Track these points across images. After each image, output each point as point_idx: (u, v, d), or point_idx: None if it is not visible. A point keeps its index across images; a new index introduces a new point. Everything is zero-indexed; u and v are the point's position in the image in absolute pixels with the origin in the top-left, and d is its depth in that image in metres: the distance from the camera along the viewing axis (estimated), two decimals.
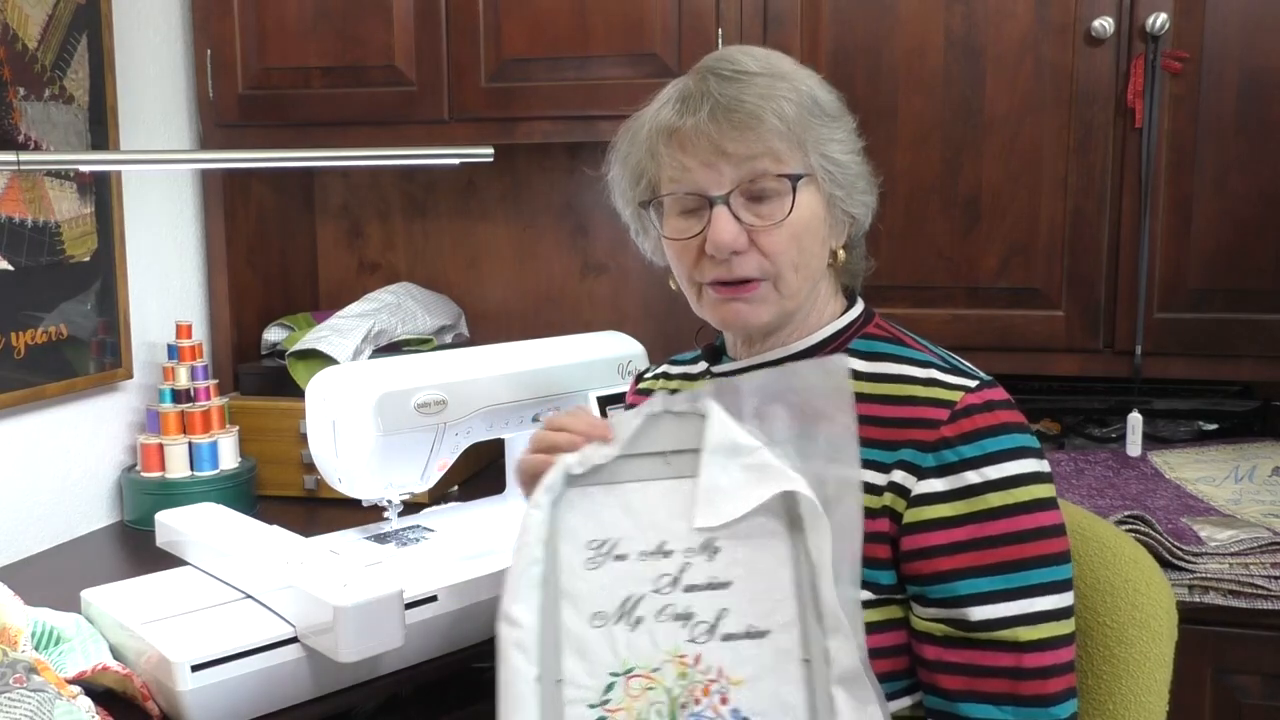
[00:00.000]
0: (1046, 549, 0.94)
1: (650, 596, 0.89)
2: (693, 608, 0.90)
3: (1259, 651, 1.52)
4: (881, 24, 1.77)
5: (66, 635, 1.22)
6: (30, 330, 1.69)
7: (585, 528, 0.91)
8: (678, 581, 0.90)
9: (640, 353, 1.81)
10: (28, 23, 1.67)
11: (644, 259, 1.17)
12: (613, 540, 0.90)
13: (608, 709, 0.88)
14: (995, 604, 0.92)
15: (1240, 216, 1.69)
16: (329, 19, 1.95)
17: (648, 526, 0.91)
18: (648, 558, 0.90)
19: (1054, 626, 0.93)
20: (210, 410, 1.85)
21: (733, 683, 0.89)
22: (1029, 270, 1.77)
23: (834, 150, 1.02)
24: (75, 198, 1.77)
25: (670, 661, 0.89)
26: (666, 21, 1.83)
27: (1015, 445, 0.95)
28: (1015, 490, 0.94)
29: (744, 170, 0.99)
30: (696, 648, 0.89)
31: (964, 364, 1.03)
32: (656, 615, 0.89)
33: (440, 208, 2.32)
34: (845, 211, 1.05)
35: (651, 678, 0.89)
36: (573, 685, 0.88)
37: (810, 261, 1.03)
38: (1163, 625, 1.07)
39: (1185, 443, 1.89)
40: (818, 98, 1.02)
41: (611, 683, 0.88)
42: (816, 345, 1.06)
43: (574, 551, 0.90)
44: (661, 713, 0.88)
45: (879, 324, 1.09)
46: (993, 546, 0.93)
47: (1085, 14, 1.69)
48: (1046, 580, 0.93)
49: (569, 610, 0.89)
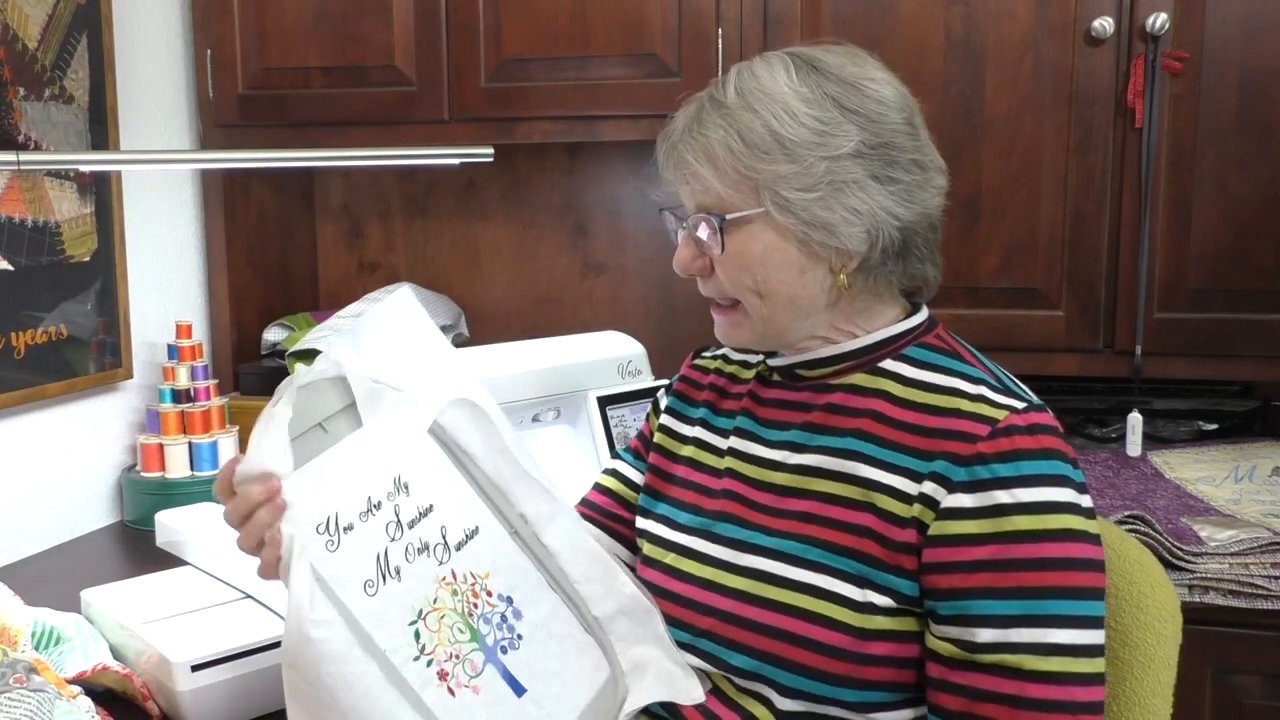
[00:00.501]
0: (1071, 580, 0.90)
1: (391, 546, 0.97)
2: (424, 537, 0.99)
3: (1259, 651, 1.52)
4: (881, 24, 1.77)
5: (66, 635, 1.23)
6: (30, 330, 1.69)
7: (304, 520, 0.95)
8: (400, 523, 0.99)
9: (640, 353, 1.82)
10: (28, 23, 1.67)
11: (644, 259, 1.18)
12: (330, 517, 0.95)
13: (427, 653, 0.97)
14: (1006, 629, 0.90)
15: (1240, 217, 1.69)
16: (329, 19, 1.95)
17: (349, 491, 0.97)
18: (366, 516, 0.97)
19: (1069, 662, 0.89)
20: (210, 410, 1.85)
21: (484, 577, 1.01)
22: (1029, 270, 1.77)
23: (784, 189, 0.98)
24: (75, 198, 1.77)
25: (439, 586, 0.99)
26: (666, 21, 1.83)
27: (1054, 472, 0.92)
28: (1046, 516, 0.90)
29: (692, 202, 1.04)
30: (447, 566, 1.00)
31: (1020, 386, 1.01)
32: (406, 556, 0.98)
33: (440, 208, 2.32)
34: (825, 245, 0.99)
35: (437, 608, 0.98)
36: (394, 652, 0.95)
37: (782, 290, 1.01)
38: (1167, 628, 1.06)
39: (1185, 443, 1.89)
40: (774, 126, 0.98)
41: (415, 630, 0.97)
42: (866, 347, 1.04)
43: (312, 545, 0.95)
44: (460, 628, 0.99)
45: (939, 335, 1.06)
46: (1012, 570, 0.90)
47: (1085, 14, 1.69)
48: (1066, 613, 0.89)
49: (345, 596, 0.94)
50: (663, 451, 1.19)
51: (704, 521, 1.09)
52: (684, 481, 1.14)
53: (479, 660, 0.99)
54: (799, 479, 1.02)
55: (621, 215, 2.23)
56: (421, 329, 1.05)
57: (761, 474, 1.06)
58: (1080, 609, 0.90)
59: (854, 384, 1.04)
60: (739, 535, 1.04)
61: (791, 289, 1.01)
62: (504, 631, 1.01)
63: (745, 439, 1.09)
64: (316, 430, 0.99)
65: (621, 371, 1.75)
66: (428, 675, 0.96)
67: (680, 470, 1.15)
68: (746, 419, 1.11)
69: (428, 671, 0.96)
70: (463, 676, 0.98)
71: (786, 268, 1.00)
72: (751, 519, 1.04)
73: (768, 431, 1.08)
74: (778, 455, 1.05)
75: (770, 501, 1.04)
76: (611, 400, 1.72)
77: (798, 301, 1.02)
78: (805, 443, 1.04)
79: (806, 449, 1.03)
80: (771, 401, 1.10)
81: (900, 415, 0.99)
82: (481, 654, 1.00)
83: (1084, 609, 0.90)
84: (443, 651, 0.97)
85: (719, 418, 1.15)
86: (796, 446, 1.04)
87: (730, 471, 1.09)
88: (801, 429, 1.05)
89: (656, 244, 2.19)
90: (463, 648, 0.99)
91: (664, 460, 1.18)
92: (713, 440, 1.14)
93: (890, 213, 0.99)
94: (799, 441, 1.04)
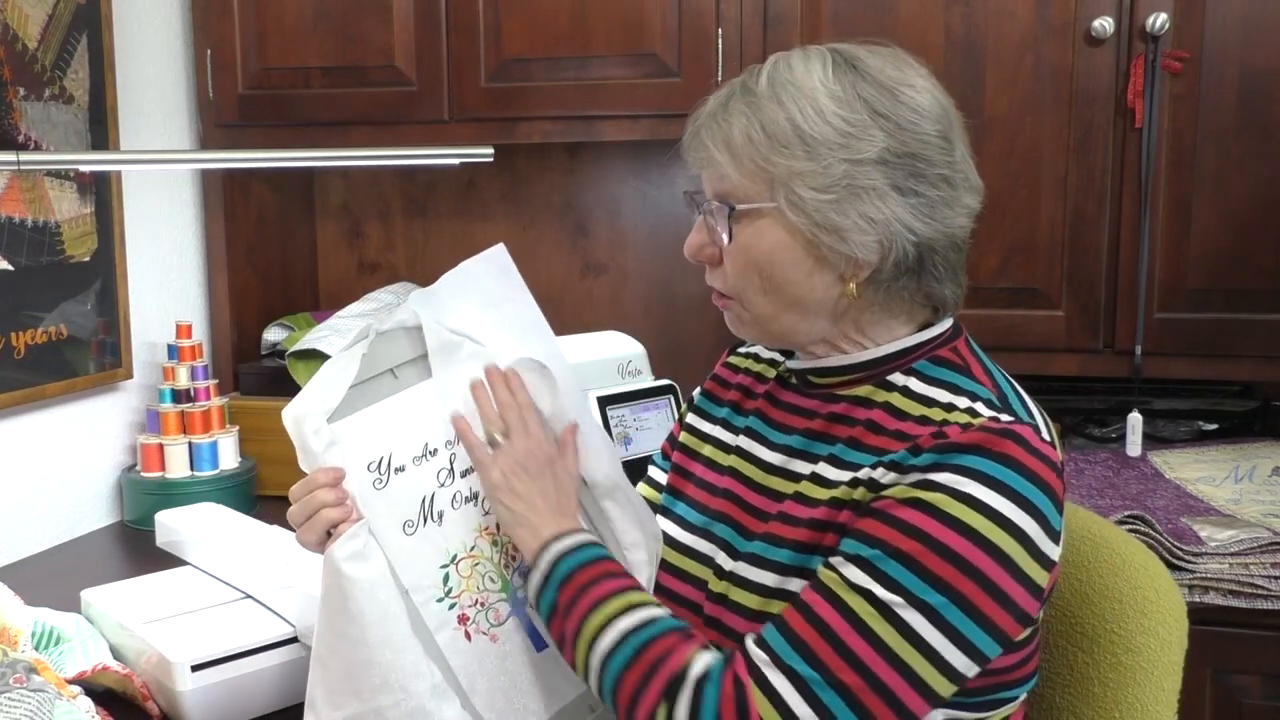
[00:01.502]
0: (943, 572, 0.85)
1: (439, 491, 1.01)
2: (474, 487, 1.03)
3: (1259, 651, 1.52)
4: (881, 24, 1.76)
5: (66, 635, 1.22)
6: (30, 330, 1.69)
7: (356, 457, 0.98)
8: (453, 471, 1.02)
9: (640, 353, 1.82)
10: (28, 23, 1.67)
11: (644, 259, 1.17)
12: (384, 457, 0.99)
13: (453, 596, 0.99)
14: (848, 563, 0.88)
15: (1240, 217, 1.69)
16: (329, 19, 1.95)
17: (407, 435, 1.01)
18: (420, 460, 1.01)
19: (886, 628, 0.85)
20: (210, 410, 1.85)
21: None
22: (1029, 270, 1.77)
23: (798, 186, 0.94)
24: (75, 198, 1.77)
25: (480, 535, 1.02)
26: (666, 21, 1.83)
27: (998, 478, 0.87)
28: (958, 504, 0.86)
29: (708, 188, 1.03)
30: (492, 518, 1.03)
31: (1026, 407, 0.97)
32: (452, 504, 1.02)
33: (440, 208, 2.32)
34: (834, 250, 0.95)
35: (473, 555, 1.01)
36: (417, 591, 0.98)
37: (787, 290, 0.98)
38: (1172, 633, 1.05)
39: (1185, 443, 1.89)
40: (797, 120, 0.95)
41: (446, 573, 1.00)
42: (876, 360, 1.01)
43: (359, 482, 0.98)
44: (493, 577, 1.02)
45: (957, 349, 1.02)
46: (889, 525, 0.88)
47: (1085, 14, 1.69)
48: (909, 588, 0.85)
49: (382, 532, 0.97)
50: (686, 450, 1.18)
51: (706, 521, 1.09)
52: (699, 480, 1.13)
53: (504, 610, 1.02)
54: (786, 483, 1.02)
55: (621, 215, 2.23)
56: (511, 285, 1.08)
57: (760, 476, 1.06)
58: (933, 600, 0.85)
59: (859, 396, 1.02)
60: (728, 537, 1.05)
61: (797, 290, 0.98)
62: None
63: (752, 439, 1.09)
64: (387, 375, 1.02)
65: (621, 371, 1.75)
66: (446, 617, 0.99)
67: (698, 469, 1.15)
68: (758, 420, 1.10)
69: (448, 614, 0.99)
70: (483, 623, 1.01)
71: (793, 268, 0.98)
72: (743, 521, 1.04)
73: (774, 434, 1.07)
74: (777, 459, 1.05)
75: (762, 505, 1.03)
76: (611, 400, 1.72)
77: (803, 304, 0.99)
78: (803, 449, 1.03)
79: (801, 455, 1.03)
80: (784, 405, 1.09)
81: (894, 426, 0.97)
82: (508, 605, 1.02)
83: (940, 605, 0.85)
84: (469, 597, 1.00)
85: (738, 417, 1.14)
86: (794, 452, 1.04)
87: (732, 471, 1.09)
88: (803, 435, 1.04)
89: (656, 244, 2.20)
90: (490, 595, 1.01)
91: (686, 459, 1.17)
92: (725, 438, 1.13)
93: (907, 226, 0.95)
94: (797, 448, 1.04)
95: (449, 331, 1.04)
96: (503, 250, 1.08)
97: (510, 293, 1.08)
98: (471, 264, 1.07)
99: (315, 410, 0.97)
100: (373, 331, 1.01)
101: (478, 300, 1.06)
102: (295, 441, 0.98)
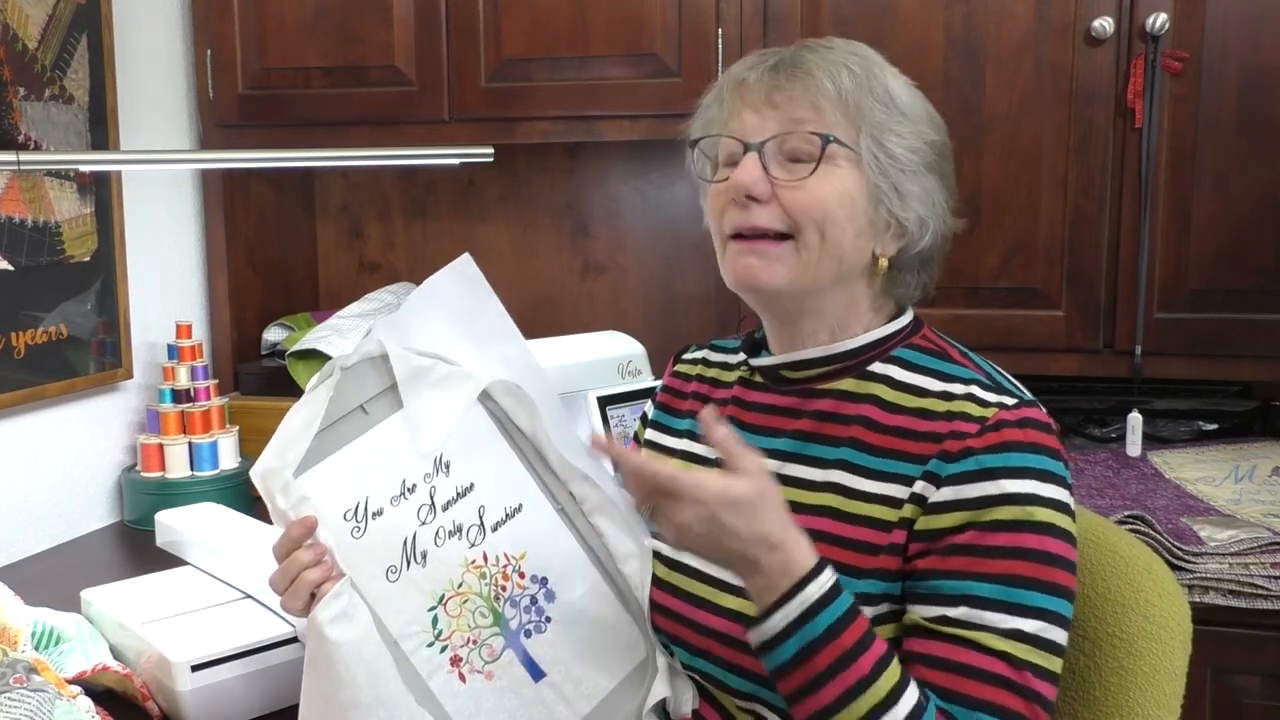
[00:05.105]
0: (1047, 575, 0.90)
1: (421, 530, 0.97)
2: (458, 519, 0.99)
3: (1259, 651, 1.52)
4: (881, 24, 1.76)
5: (66, 635, 1.23)
6: (30, 330, 1.69)
7: (330, 507, 0.95)
8: (434, 506, 0.99)
9: (640, 353, 1.82)
10: (28, 23, 1.67)
11: (644, 259, 1.16)
12: (360, 503, 0.96)
13: (443, 639, 0.97)
14: (978, 610, 0.90)
15: (1240, 217, 1.69)
16: (329, 19, 1.95)
17: (382, 475, 0.98)
18: (399, 500, 0.98)
19: (1031, 651, 0.89)
20: (210, 410, 1.85)
21: (518, 559, 1.01)
22: (1029, 270, 1.77)
23: (890, 140, 0.98)
24: (75, 198, 1.77)
25: (466, 571, 0.99)
26: (666, 21, 1.83)
27: (1040, 467, 0.93)
28: (1030, 509, 0.91)
29: (784, 122, 0.99)
30: (479, 549, 1.00)
31: (1010, 382, 1.00)
32: (435, 541, 0.98)
33: (440, 208, 2.32)
34: (892, 214, 1.00)
35: (461, 592, 0.98)
36: (405, 639, 0.96)
37: (838, 236, 0.98)
38: (1175, 638, 1.04)
39: (1185, 443, 1.88)
40: (891, 88, 1.00)
41: (434, 615, 0.97)
42: (856, 350, 1.03)
43: (336, 533, 0.95)
44: (484, 612, 0.99)
45: (926, 336, 1.05)
46: (991, 557, 0.90)
47: (1085, 14, 1.69)
48: (1038, 605, 0.90)
49: (364, 582, 0.95)
50: None
51: None
52: None
53: (498, 645, 0.99)
54: (788, 491, 0.99)
55: (621, 215, 2.23)
56: (479, 297, 1.06)
57: None
58: (1052, 604, 0.90)
59: (843, 390, 1.02)
60: None
61: (842, 245, 0.99)
62: (531, 615, 1.01)
63: None
64: (357, 413, 0.99)
65: (621, 371, 1.75)
66: (438, 661, 0.97)
67: None
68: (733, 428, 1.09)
69: (440, 657, 0.97)
70: (477, 662, 0.98)
71: (850, 220, 0.99)
72: None
73: (756, 439, 1.05)
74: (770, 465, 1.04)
75: None
76: (611, 400, 1.72)
77: (845, 260, 1.00)
78: (796, 452, 1.02)
79: (796, 459, 1.02)
80: (757, 406, 1.08)
81: (891, 421, 0.97)
82: (502, 638, 1.00)
83: (1055, 605, 0.91)
84: (460, 637, 0.98)
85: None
86: (786, 456, 1.02)
87: None
88: (792, 437, 1.03)
89: (656, 244, 2.19)
90: (482, 632, 0.99)
91: None
92: (702, 452, 1.11)
93: (942, 215, 1.03)
94: (789, 451, 1.02)
95: (417, 355, 1.01)
96: (469, 260, 1.06)
97: (479, 303, 1.06)
98: (438, 278, 1.04)
99: (280, 466, 0.94)
100: (337, 369, 0.98)
101: (447, 314, 1.04)
102: (265, 500, 0.96)
